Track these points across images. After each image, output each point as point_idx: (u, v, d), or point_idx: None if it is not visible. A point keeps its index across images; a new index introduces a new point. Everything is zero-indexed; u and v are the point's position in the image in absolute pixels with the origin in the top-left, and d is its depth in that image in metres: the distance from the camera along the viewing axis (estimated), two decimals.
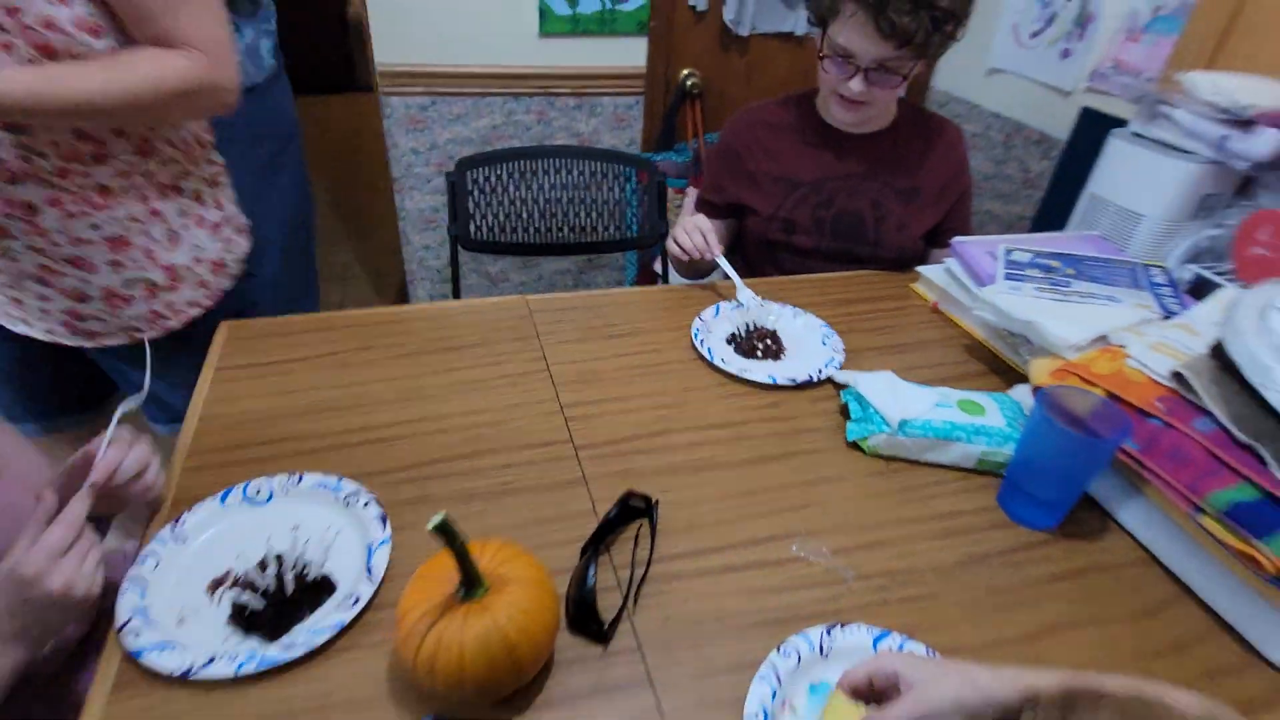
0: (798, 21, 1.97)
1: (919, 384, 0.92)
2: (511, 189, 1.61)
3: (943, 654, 0.63)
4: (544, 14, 1.78)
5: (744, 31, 1.93)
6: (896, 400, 0.87)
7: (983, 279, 1.10)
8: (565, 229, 1.66)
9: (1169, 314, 0.97)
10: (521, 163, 1.59)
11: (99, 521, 0.76)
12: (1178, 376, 0.76)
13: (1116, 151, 1.22)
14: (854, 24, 1.07)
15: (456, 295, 1.60)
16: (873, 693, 0.50)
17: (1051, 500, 0.78)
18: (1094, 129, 1.70)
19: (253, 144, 1.41)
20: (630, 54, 1.91)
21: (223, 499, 0.73)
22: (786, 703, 0.59)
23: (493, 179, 1.58)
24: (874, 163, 1.25)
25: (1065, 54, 1.77)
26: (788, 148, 1.26)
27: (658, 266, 2.14)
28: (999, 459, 0.84)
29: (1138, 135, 1.21)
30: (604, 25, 1.84)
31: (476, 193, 1.58)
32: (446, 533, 0.51)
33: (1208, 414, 0.72)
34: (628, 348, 1.05)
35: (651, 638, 0.64)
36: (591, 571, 0.64)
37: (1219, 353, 0.74)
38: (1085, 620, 0.70)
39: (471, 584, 0.55)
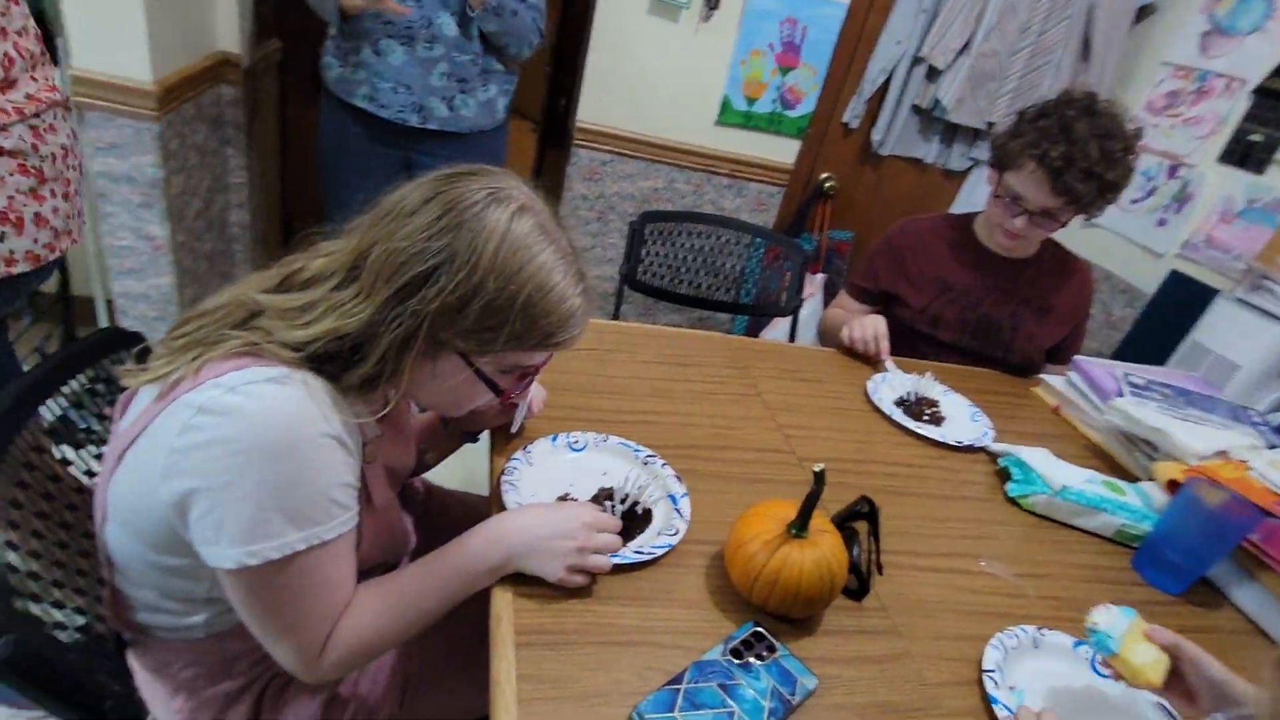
0: (928, 150, 2.27)
1: (1068, 463, 1.13)
2: (674, 245, 1.85)
3: None
4: (725, 106, 2.08)
5: (884, 151, 2.23)
6: (1054, 471, 1.08)
7: (1105, 393, 1.33)
8: (700, 286, 1.89)
9: (1272, 446, 1.18)
10: (694, 226, 1.84)
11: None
12: None
13: (1222, 311, 1.47)
14: (1032, 178, 1.30)
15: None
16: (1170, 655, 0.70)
17: (1183, 569, 0.98)
18: (1181, 289, 1.96)
19: None
20: (784, 151, 2.20)
21: (553, 440, 0.94)
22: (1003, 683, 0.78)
23: (664, 234, 1.83)
24: (1017, 282, 1.48)
25: (1161, 222, 2.05)
26: (945, 256, 1.50)
27: (766, 334, 2.38)
28: (1135, 533, 1.04)
29: (1241, 300, 1.45)
30: (771, 124, 2.14)
31: (650, 242, 1.83)
32: (820, 478, 0.72)
33: None
34: (819, 390, 1.26)
35: (889, 602, 0.84)
36: (855, 546, 0.84)
37: None
38: None
39: (803, 525, 0.75)
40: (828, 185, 2.27)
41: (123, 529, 0.69)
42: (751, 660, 0.70)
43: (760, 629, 0.74)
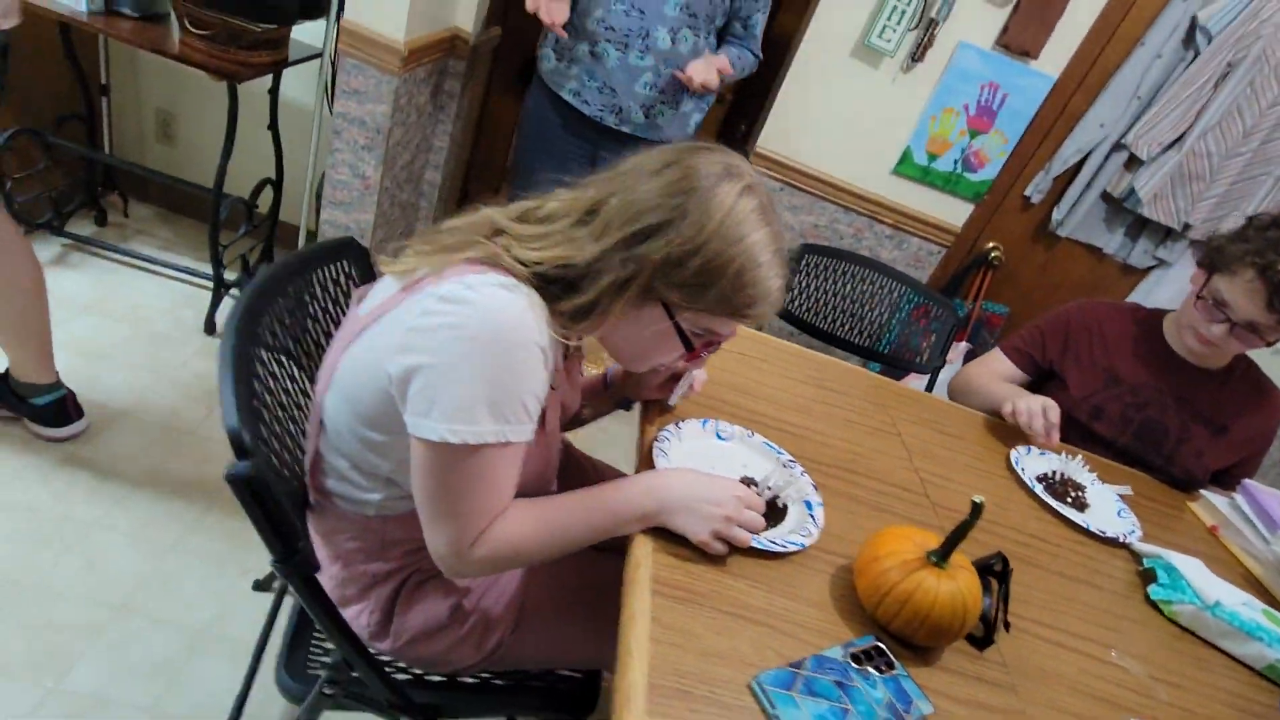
0: (1109, 241, 2.17)
1: (1222, 579, 1.06)
2: (824, 281, 1.87)
3: None
4: (904, 158, 2.09)
5: (1062, 232, 2.15)
6: (1209, 584, 1.02)
7: (1275, 524, 1.22)
8: (839, 326, 1.89)
9: None
10: (852, 267, 1.85)
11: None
12: None
13: None
14: (1248, 287, 1.21)
15: None
16: None
17: None
18: None
19: None
20: (955, 213, 2.17)
21: (703, 423, 0.98)
22: None
23: (818, 267, 1.85)
24: (1197, 392, 1.38)
25: None
26: (1122, 347, 1.42)
27: None
28: None
29: None
30: (947, 183, 2.12)
31: (802, 273, 1.86)
32: (978, 509, 0.73)
33: None
34: (958, 446, 1.24)
35: (1011, 661, 0.82)
36: (987, 596, 0.83)
37: None
38: None
39: (945, 556, 0.76)
40: (993, 255, 2.22)
41: (341, 397, 0.79)
42: (870, 670, 0.71)
43: (880, 644, 0.74)
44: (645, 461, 0.90)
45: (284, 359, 0.90)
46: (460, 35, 2.01)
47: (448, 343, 0.68)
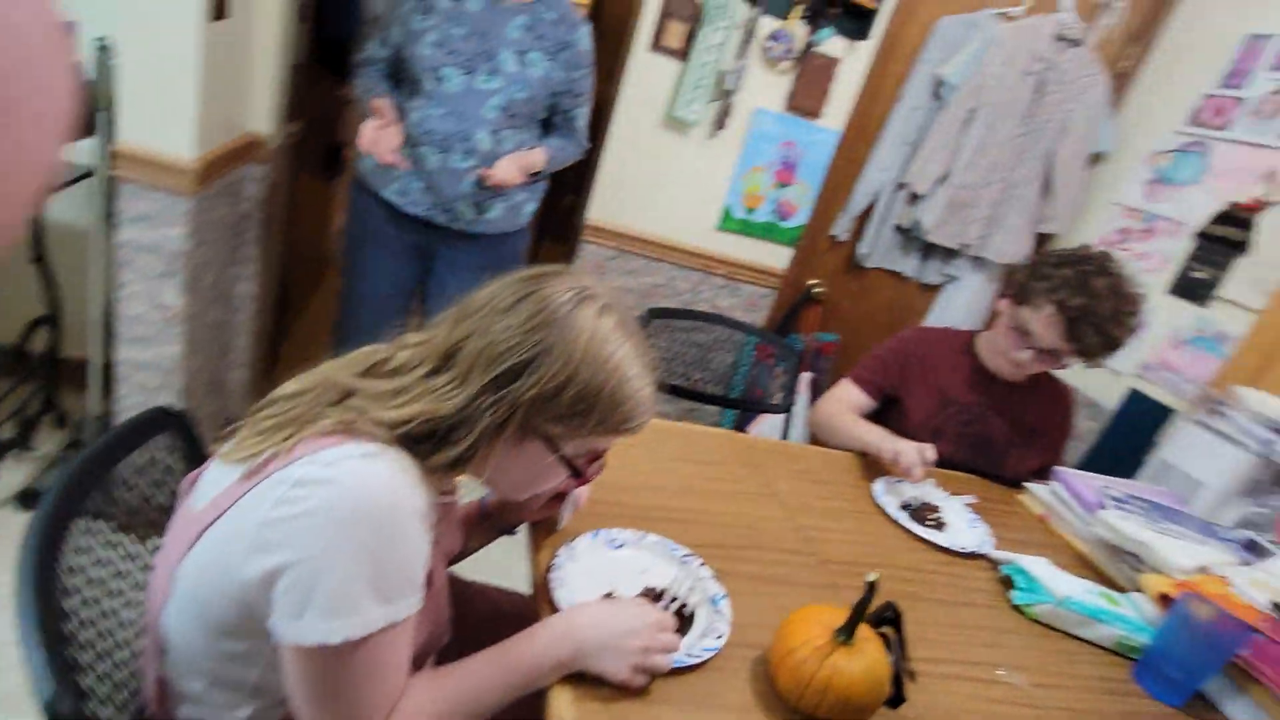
0: (907, 265, 2.44)
1: (1063, 572, 1.20)
2: (672, 340, 1.94)
3: None
4: (725, 215, 2.23)
5: (868, 264, 2.40)
6: (1056, 581, 1.14)
7: (1088, 504, 1.41)
8: (690, 379, 1.96)
9: (1244, 563, 1.27)
10: (696, 324, 1.93)
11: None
12: (1277, 607, 1.05)
13: (1186, 432, 1.59)
14: (1049, 320, 1.39)
15: None
16: None
17: (1180, 682, 1.04)
18: (1139, 407, 2.12)
19: (493, 275, 1.77)
20: (777, 257, 2.35)
21: (594, 536, 0.96)
22: None
23: (664, 329, 1.92)
24: (1010, 403, 1.57)
25: None
26: (948, 370, 1.58)
27: (751, 429, 2.46)
28: (1132, 644, 1.10)
29: (1202, 423, 1.59)
30: (766, 233, 2.29)
31: (650, 336, 1.91)
32: (872, 588, 0.76)
33: None
34: (830, 492, 1.32)
35: (925, 712, 0.87)
36: (891, 652, 0.87)
37: None
38: None
39: (850, 633, 0.79)
40: (816, 290, 2.41)
41: (186, 611, 0.69)
42: None
43: None
44: (542, 593, 0.86)
45: (103, 575, 0.76)
46: (257, 139, 1.87)
47: (313, 533, 0.61)
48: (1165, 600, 1.13)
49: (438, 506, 0.73)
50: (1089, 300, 1.36)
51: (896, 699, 0.85)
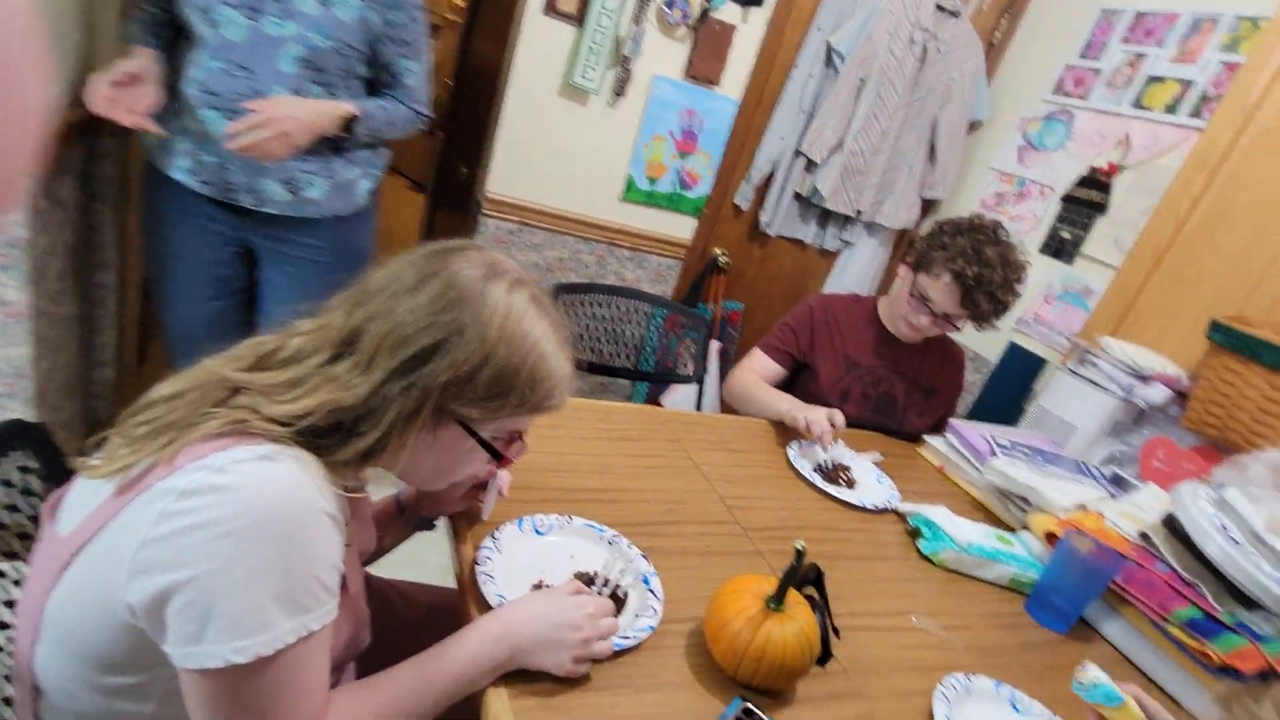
0: (807, 232, 2.51)
1: (963, 519, 1.28)
2: (579, 314, 1.91)
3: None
4: (629, 185, 2.20)
5: (770, 231, 2.44)
6: (957, 528, 1.22)
7: (980, 453, 1.52)
8: (602, 354, 1.95)
9: (1112, 496, 1.41)
10: (602, 297, 1.91)
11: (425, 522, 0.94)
12: (1143, 535, 1.17)
13: (1059, 380, 1.74)
14: (946, 288, 1.48)
15: None
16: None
17: (1065, 611, 1.14)
18: (1017, 359, 2.29)
19: (332, 269, 1.52)
20: (681, 228, 2.35)
21: (519, 524, 0.93)
22: None
23: (571, 304, 1.88)
24: (909, 364, 1.67)
25: None
26: (852, 334, 1.65)
27: (664, 399, 2.47)
28: (1025, 580, 1.20)
29: (1074, 371, 1.73)
30: (671, 203, 2.28)
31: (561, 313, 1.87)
32: (800, 555, 0.78)
33: (1163, 560, 1.12)
34: (748, 460, 1.34)
35: (848, 664, 0.90)
36: (817, 613, 0.90)
37: (1170, 523, 1.15)
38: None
39: (780, 599, 0.80)
40: (722, 260, 2.44)
41: (60, 647, 0.61)
42: None
43: (749, 705, 0.77)
44: (469, 589, 0.83)
45: None
46: None
47: (206, 546, 0.55)
48: (1051, 538, 1.23)
49: (348, 504, 0.68)
50: (982, 269, 1.45)
51: (824, 656, 0.89)
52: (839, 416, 1.39)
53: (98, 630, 0.59)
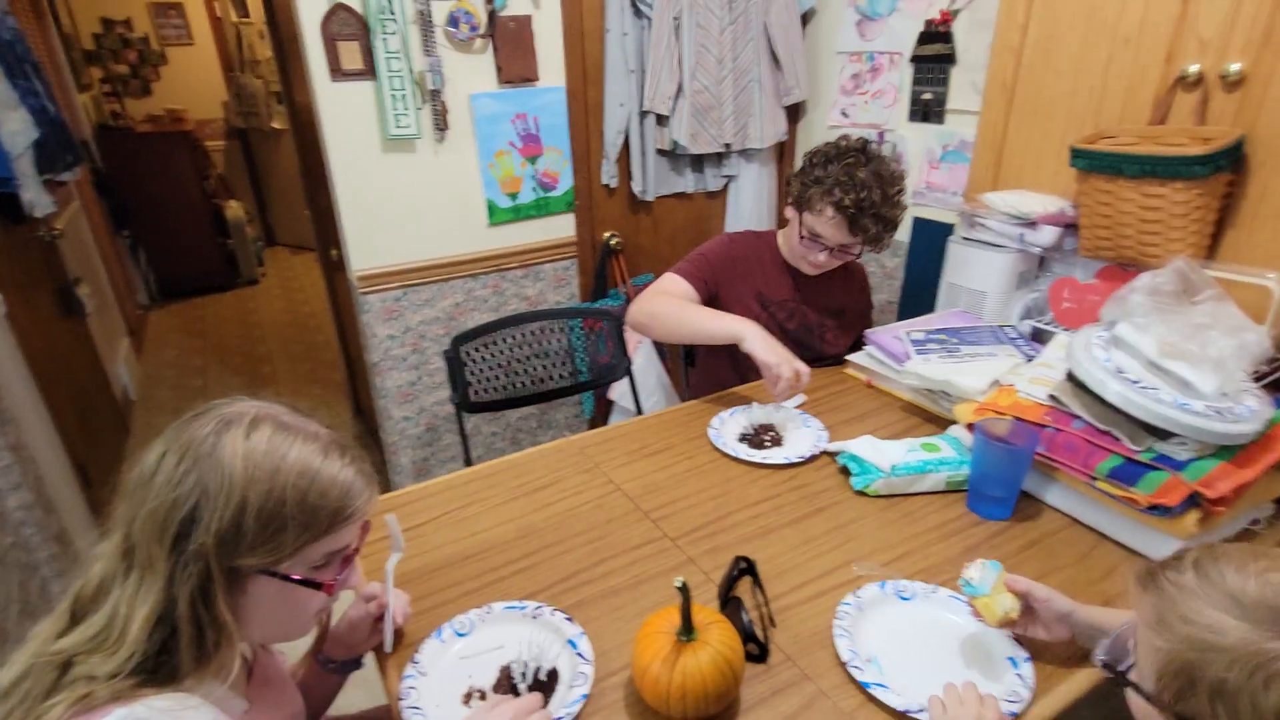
0: (685, 183, 2.46)
1: (887, 440, 1.27)
2: (496, 351, 1.88)
3: None
4: (491, 209, 2.14)
5: (648, 197, 2.38)
6: (881, 454, 1.22)
7: (898, 357, 1.51)
8: (538, 378, 1.93)
9: (1029, 358, 1.40)
10: (507, 331, 1.87)
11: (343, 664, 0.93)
12: (1052, 398, 1.16)
13: (956, 252, 1.72)
14: (831, 222, 1.47)
15: (468, 460, 1.80)
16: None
17: (1002, 498, 1.14)
18: (925, 232, 2.27)
19: None
20: (562, 228, 2.30)
21: (438, 636, 0.92)
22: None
23: (481, 346, 1.85)
24: (816, 292, 1.66)
25: None
26: (761, 271, 1.64)
27: (611, 394, 2.46)
28: (960, 478, 1.20)
29: (966, 238, 1.71)
30: (539, 209, 2.22)
31: (470, 363, 1.84)
32: (684, 590, 0.77)
33: (1077, 417, 1.12)
34: (669, 459, 1.33)
35: (792, 649, 0.91)
36: (744, 614, 0.90)
37: (1071, 376, 1.15)
38: (1048, 571, 1.03)
39: (689, 630, 0.80)
40: (614, 242, 2.39)
41: None
42: None
43: None
44: None
45: None
46: None
47: None
48: (971, 429, 1.22)
49: (252, 681, 0.67)
50: (860, 193, 1.43)
51: (762, 654, 0.89)
52: (806, 372, 1.35)
53: None
